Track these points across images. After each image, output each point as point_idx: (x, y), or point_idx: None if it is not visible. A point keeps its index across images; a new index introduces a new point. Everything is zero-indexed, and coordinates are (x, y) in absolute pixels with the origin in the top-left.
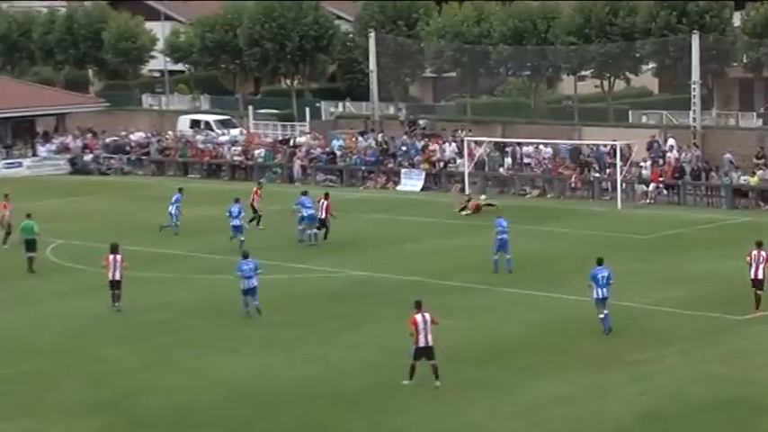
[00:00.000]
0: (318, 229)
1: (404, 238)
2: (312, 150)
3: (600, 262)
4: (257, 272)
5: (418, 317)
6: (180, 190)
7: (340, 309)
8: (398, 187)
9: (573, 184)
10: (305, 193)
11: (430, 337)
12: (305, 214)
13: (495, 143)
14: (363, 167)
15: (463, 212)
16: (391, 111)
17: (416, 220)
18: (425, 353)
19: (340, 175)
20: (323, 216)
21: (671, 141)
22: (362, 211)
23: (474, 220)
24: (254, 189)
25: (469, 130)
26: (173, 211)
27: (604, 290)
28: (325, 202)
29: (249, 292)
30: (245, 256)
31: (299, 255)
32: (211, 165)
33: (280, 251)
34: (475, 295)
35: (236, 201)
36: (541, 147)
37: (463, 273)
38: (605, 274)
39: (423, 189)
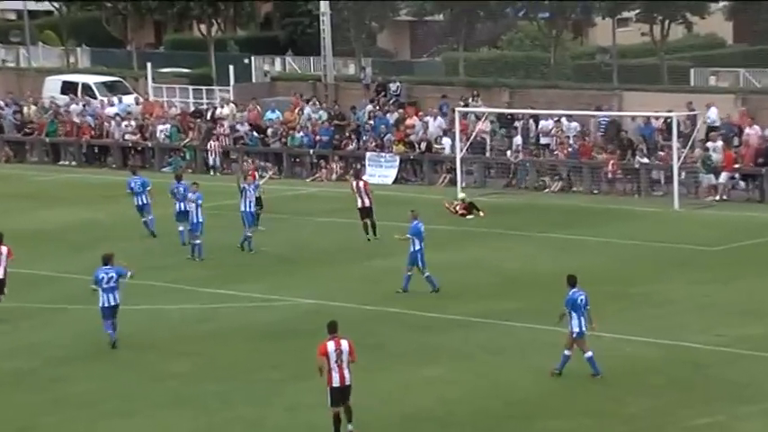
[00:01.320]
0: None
1: (370, 251)
2: (238, 127)
3: (573, 281)
4: (121, 279)
5: (330, 345)
6: (194, 185)
7: (278, 352)
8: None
9: (610, 174)
10: (179, 179)
11: (347, 373)
12: (180, 209)
13: (500, 115)
14: (311, 151)
15: (468, 215)
16: (351, 70)
17: (387, 225)
18: (344, 395)
19: (277, 162)
20: (364, 204)
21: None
22: (311, 213)
23: (469, 224)
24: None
25: (468, 99)
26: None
27: (583, 320)
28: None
29: (108, 312)
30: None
31: (222, 275)
32: (93, 147)
33: (193, 269)
34: (471, 332)
35: (194, 184)
36: (564, 120)
37: (454, 300)
38: (583, 297)
39: (396, 181)
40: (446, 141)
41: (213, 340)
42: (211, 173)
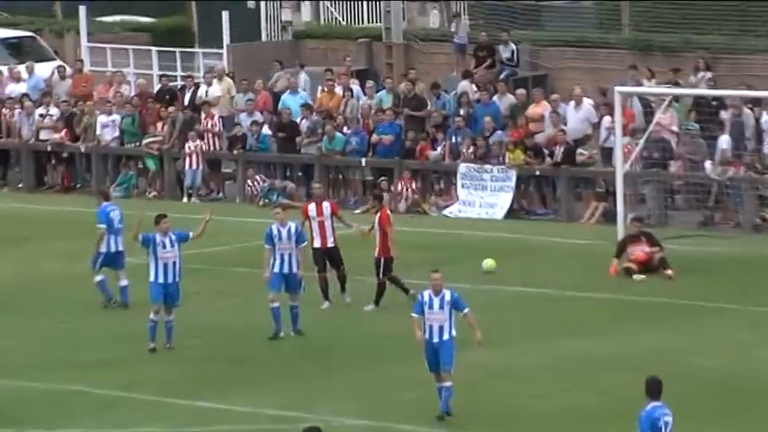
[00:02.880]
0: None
1: (506, 336)
2: (240, 118)
3: (656, 390)
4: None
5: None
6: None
7: None
8: (447, 210)
9: None
10: (106, 198)
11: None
12: (104, 250)
13: (696, 101)
14: (364, 161)
15: (636, 277)
16: (433, 21)
17: (490, 292)
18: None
19: (306, 180)
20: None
21: None
22: (364, 270)
23: (638, 291)
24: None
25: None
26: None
27: None
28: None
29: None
30: None
31: (207, 377)
32: None
33: (160, 366)
34: None
35: (163, 220)
36: None
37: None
38: (668, 418)
39: (510, 214)
40: (598, 145)
41: None
42: (185, 198)
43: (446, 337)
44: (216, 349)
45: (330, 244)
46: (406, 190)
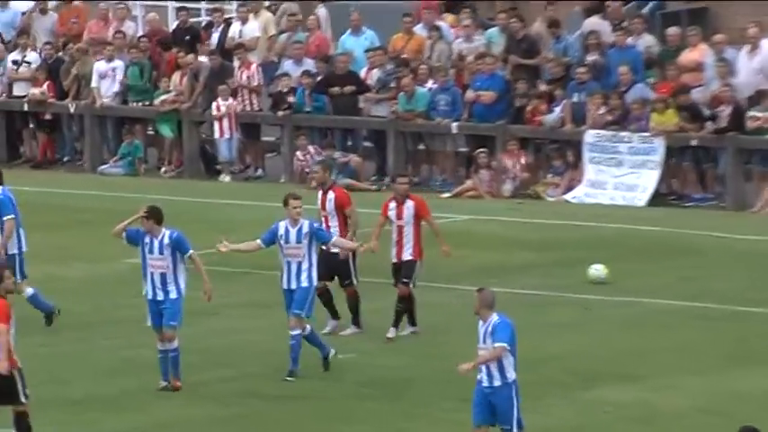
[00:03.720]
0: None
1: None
2: (285, 68)
3: None
4: None
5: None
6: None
7: None
8: (570, 194)
9: None
10: None
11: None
12: (18, 250)
13: None
14: (455, 125)
15: None
16: None
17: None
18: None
19: (379, 153)
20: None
21: None
22: (453, 277)
23: None
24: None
25: None
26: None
27: None
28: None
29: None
30: None
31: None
32: None
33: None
34: None
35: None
36: None
37: None
38: None
39: (655, 199)
40: None
41: None
42: (221, 175)
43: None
44: (254, 383)
45: (406, 256)
46: (513, 166)
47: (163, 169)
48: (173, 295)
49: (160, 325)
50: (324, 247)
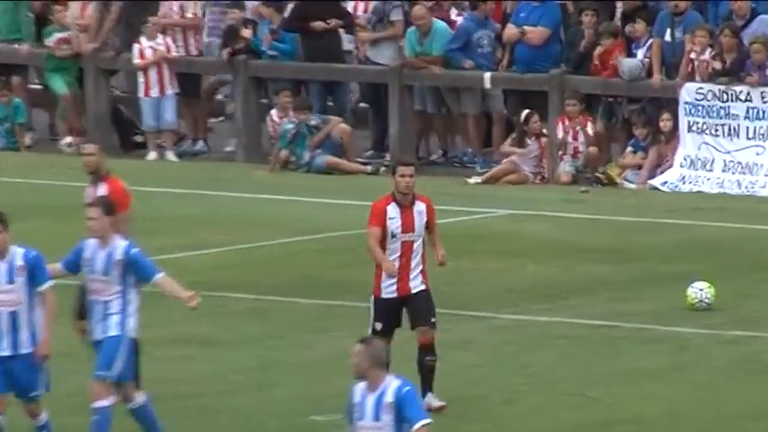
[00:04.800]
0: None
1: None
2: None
3: None
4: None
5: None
6: None
7: None
8: (659, 179)
9: None
10: None
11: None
12: None
13: None
14: (487, 76)
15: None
16: None
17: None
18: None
19: (372, 113)
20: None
21: None
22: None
23: None
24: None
25: None
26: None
27: None
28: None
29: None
30: None
31: None
32: None
33: None
34: None
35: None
36: None
37: None
38: None
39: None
40: None
41: None
42: (148, 151)
43: None
44: None
45: (418, 285)
46: (574, 136)
47: (67, 140)
48: (26, 348)
49: (7, 392)
50: None
